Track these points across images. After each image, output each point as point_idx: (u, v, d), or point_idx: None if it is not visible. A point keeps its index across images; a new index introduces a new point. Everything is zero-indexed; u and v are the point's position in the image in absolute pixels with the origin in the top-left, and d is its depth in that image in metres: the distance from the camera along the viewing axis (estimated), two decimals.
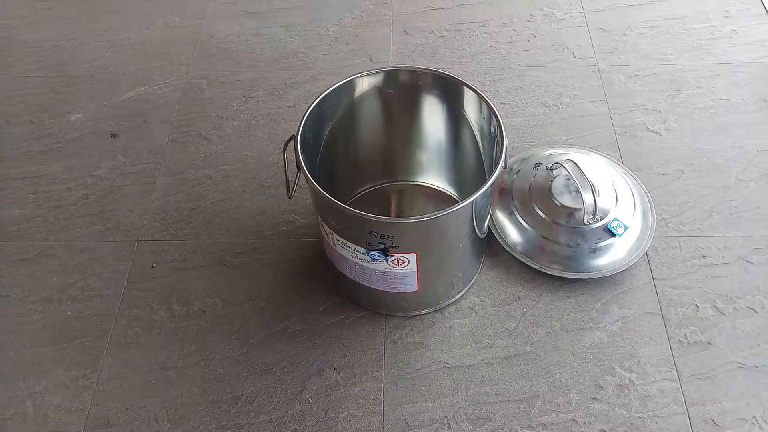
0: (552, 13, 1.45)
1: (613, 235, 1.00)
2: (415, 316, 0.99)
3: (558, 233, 1.01)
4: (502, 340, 0.96)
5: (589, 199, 0.99)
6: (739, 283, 1.00)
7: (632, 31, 1.40)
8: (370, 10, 1.48)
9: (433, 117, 0.99)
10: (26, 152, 1.23)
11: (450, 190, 1.11)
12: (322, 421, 0.89)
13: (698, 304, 0.98)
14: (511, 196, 1.06)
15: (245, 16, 1.48)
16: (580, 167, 1.00)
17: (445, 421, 0.88)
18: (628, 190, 1.06)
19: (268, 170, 1.18)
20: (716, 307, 0.98)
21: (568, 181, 1.03)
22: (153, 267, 1.05)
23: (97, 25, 1.47)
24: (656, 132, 1.21)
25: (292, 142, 0.85)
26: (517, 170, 1.09)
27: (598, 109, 1.25)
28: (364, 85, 0.94)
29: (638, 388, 0.91)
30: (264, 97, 1.30)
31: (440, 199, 1.11)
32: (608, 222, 1.00)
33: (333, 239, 0.87)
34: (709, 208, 1.09)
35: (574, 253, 1.00)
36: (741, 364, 0.92)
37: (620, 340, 0.95)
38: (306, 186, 0.86)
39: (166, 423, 0.89)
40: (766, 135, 1.20)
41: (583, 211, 0.99)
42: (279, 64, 1.37)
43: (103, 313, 1.00)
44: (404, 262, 0.85)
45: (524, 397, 0.90)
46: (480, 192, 0.80)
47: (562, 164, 1.02)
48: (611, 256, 1.00)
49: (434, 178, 1.11)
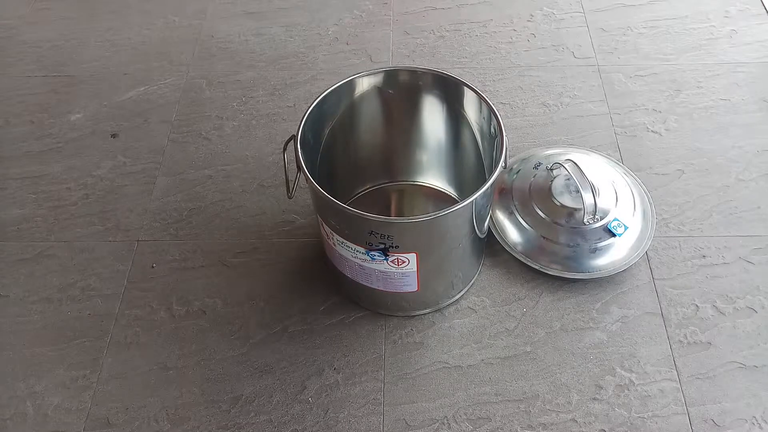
0: (552, 13, 1.45)
1: (613, 235, 1.00)
2: (415, 316, 0.99)
3: (558, 233, 1.01)
4: (502, 340, 0.96)
5: (589, 199, 0.99)
6: (739, 283, 1.00)
7: (632, 31, 1.40)
8: (370, 10, 1.48)
9: (433, 117, 0.99)
10: (26, 152, 1.23)
11: (450, 190, 1.11)
12: (322, 421, 0.89)
13: (698, 304, 0.98)
14: (511, 196, 1.06)
15: (245, 16, 1.48)
16: (580, 167, 1.00)
17: (445, 421, 0.88)
18: (628, 190, 1.06)
19: (268, 170, 1.18)
20: (716, 307, 0.98)
21: (568, 181, 1.03)
22: (153, 267, 1.06)
23: (97, 25, 1.47)
24: (656, 132, 1.21)
25: (292, 142, 0.85)
26: (517, 170, 1.09)
27: (598, 109, 1.25)
28: (364, 85, 0.94)
29: (638, 388, 0.91)
30: (264, 97, 1.30)
31: (440, 199, 1.11)
32: (608, 222, 1.00)
33: (333, 239, 0.87)
34: (709, 208, 1.09)
35: (574, 253, 1.00)
36: (741, 364, 0.92)
37: (620, 340, 0.95)
38: (306, 186, 0.86)
39: (166, 423, 0.89)
40: (766, 135, 1.20)
41: (583, 211, 0.99)
42: (279, 64, 1.37)
43: (103, 313, 1.00)
44: (404, 262, 0.85)
45: (524, 397, 0.90)
46: (480, 192, 0.80)
47: (562, 164, 1.02)
48: (611, 256, 1.00)
49: (434, 178, 1.11)
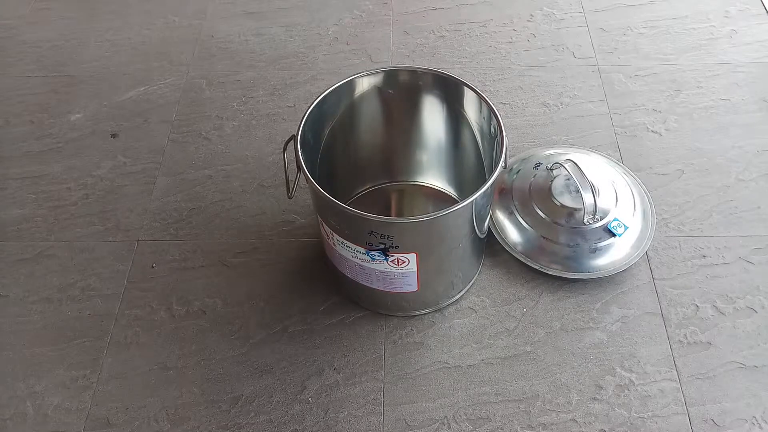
0: (552, 13, 1.45)
1: (613, 235, 1.00)
2: (415, 316, 0.99)
3: (558, 233, 1.01)
4: (502, 340, 0.96)
5: (589, 199, 0.99)
6: (739, 283, 1.00)
7: (632, 31, 1.40)
8: (370, 10, 1.48)
9: (433, 117, 0.99)
10: (26, 152, 1.23)
11: (450, 190, 1.11)
12: (322, 421, 0.89)
13: (698, 304, 0.98)
14: (511, 196, 1.06)
15: (245, 16, 1.48)
16: (580, 167, 1.00)
17: (445, 421, 0.88)
18: (628, 190, 1.06)
19: (268, 170, 1.18)
20: (716, 307, 0.98)
21: (568, 181, 1.03)
22: (153, 267, 1.06)
23: (97, 25, 1.47)
24: (656, 132, 1.21)
25: (292, 142, 0.85)
26: (517, 170, 1.09)
27: (598, 109, 1.25)
28: (364, 85, 0.94)
29: (638, 388, 0.91)
30: (264, 97, 1.30)
31: (440, 199, 1.11)
32: (608, 222, 1.00)
33: (333, 239, 0.87)
34: (709, 208, 1.09)
35: (574, 253, 1.00)
36: (741, 364, 0.92)
37: (620, 340, 0.95)
38: (306, 186, 0.86)
39: (166, 423, 0.89)
40: (766, 135, 1.20)
41: (583, 211, 0.99)
42: (279, 64, 1.37)
43: (103, 313, 1.00)
44: (404, 262, 0.85)
45: (524, 397, 0.90)
46: (480, 192, 0.80)
47: (562, 164, 1.02)
48: (611, 256, 1.00)
49: (434, 178, 1.11)
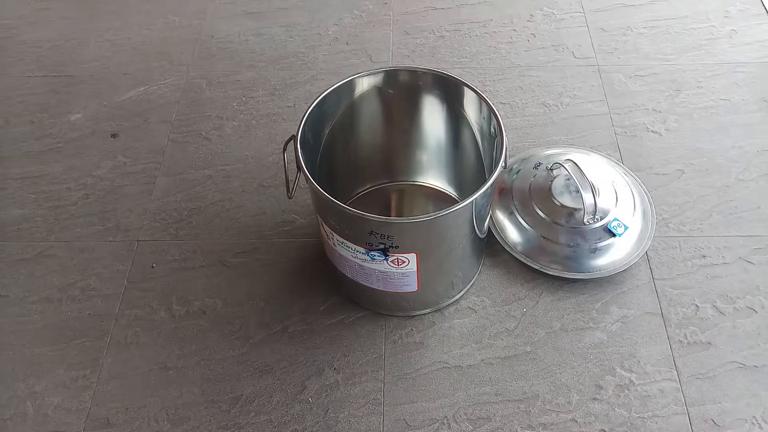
0: (552, 13, 1.45)
1: (613, 235, 1.00)
2: (415, 316, 0.98)
3: (558, 233, 1.01)
4: (502, 340, 0.96)
5: (589, 199, 0.99)
6: (739, 283, 1.00)
7: (632, 31, 1.40)
8: (370, 10, 1.48)
9: (433, 117, 0.99)
10: (26, 152, 1.23)
11: (450, 190, 1.11)
12: (322, 421, 0.89)
13: (698, 304, 0.98)
14: (511, 196, 1.06)
15: (245, 16, 1.48)
16: (580, 167, 1.00)
17: (445, 421, 0.88)
18: (628, 190, 1.06)
19: (268, 170, 1.18)
20: (716, 307, 0.98)
21: (568, 181, 1.03)
22: (153, 267, 1.06)
23: (97, 25, 1.47)
24: (656, 132, 1.21)
25: (292, 142, 0.85)
26: (517, 170, 1.09)
27: (598, 109, 1.25)
28: (364, 85, 0.94)
29: (638, 388, 0.91)
30: (264, 97, 1.30)
31: (440, 199, 1.11)
32: (608, 222, 1.00)
33: (333, 239, 0.87)
34: (709, 208, 1.09)
35: (574, 253, 1.00)
36: (741, 364, 0.92)
37: (620, 340, 0.95)
38: (306, 186, 0.86)
39: (166, 423, 0.89)
40: (766, 135, 1.20)
41: (583, 211, 0.99)
42: (279, 64, 1.37)
43: (103, 313, 1.00)
44: (404, 262, 0.85)
45: (524, 397, 0.90)
46: (480, 192, 0.80)
47: (562, 164, 1.02)
48: (611, 256, 1.00)
49: (434, 178, 1.11)
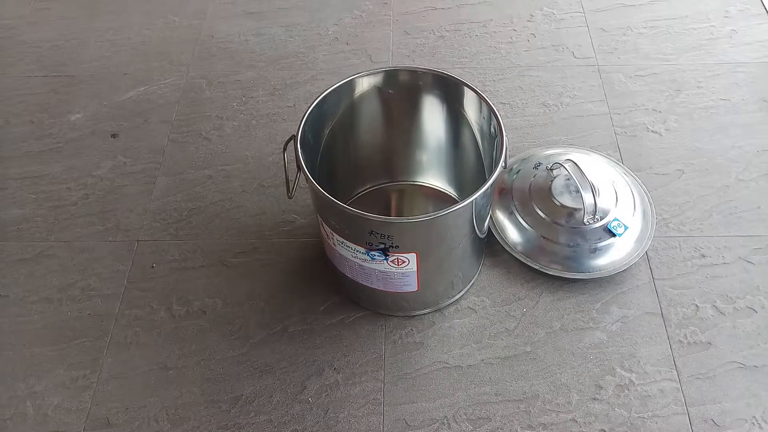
0: (552, 13, 1.45)
1: (613, 235, 1.00)
2: (415, 316, 0.99)
3: (558, 233, 1.01)
4: (502, 340, 0.96)
5: (589, 199, 0.99)
6: (739, 283, 1.00)
7: (632, 31, 1.40)
8: (370, 10, 1.48)
9: (433, 117, 0.99)
10: (26, 152, 1.23)
11: (450, 190, 1.11)
12: (322, 421, 0.89)
13: (698, 304, 0.98)
14: (511, 196, 1.06)
15: (245, 16, 1.48)
16: (580, 167, 1.00)
17: (445, 421, 0.88)
18: (628, 190, 1.06)
19: (268, 170, 1.18)
20: (716, 307, 0.98)
21: (568, 181, 1.03)
22: (153, 267, 1.06)
23: (97, 25, 1.47)
24: (656, 132, 1.21)
25: (292, 142, 0.85)
26: (517, 170, 1.09)
27: (598, 109, 1.25)
28: (364, 85, 0.94)
29: (638, 388, 0.91)
30: (264, 97, 1.30)
31: (440, 199, 1.11)
32: (608, 222, 1.00)
33: (333, 239, 0.87)
34: (709, 208, 1.09)
35: (574, 253, 1.00)
36: (741, 364, 0.92)
37: (620, 340, 0.95)
38: (306, 186, 0.86)
39: (166, 423, 0.89)
40: (766, 135, 1.20)
41: (583, 211, 0.99)
42: (279, 64, 1.37)
43: (103, 313, 1.00)
44: (404, 262, 0.85)
45: (524, 397, 0.90)
46: (480, 192, 0.80)
47: (562, 164, 1.02)
48: (611, 256, 1.00)
49: (434, 178, 1.11)
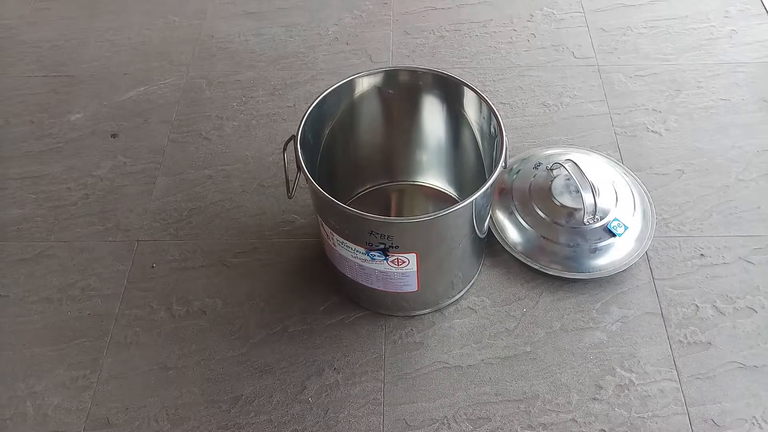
0: (552, 13, 1.45)
1: (613, 235, 1.00)
2: (415, 316, 0.99)
3: (558, 233, 1.01)
4: (502, 340, 0.96)
5: (589, 199, 0.99)
6: (739, 283, 1.00)
7: (632, 31, 1.40)
8: (370, 10, 1.48)
9: (433, 117, 0.99)
10: (26, 152, 1.23)
11: (450, 190, 1.11)
12: (322, 421, 0.89)
13: (698, 304, 0.98)
14: (511, 196, 1.06)
15: (245, 16, 1.48)
16: (580, 167, 1.00)
17: (445, 421, 0.88)
18: (628, 190, 1.06)
19: (268, 170, 1.18)
20: (716, 307, 0.98)
21: (568, 181, 1.03)
22: (153, 267, 1.06)
23: (97, 25, 1.47)
24: (656, 132, 1.21)
25: (292, 142, 0.85)
26: (517, 170, 1.09)
27: (598, 109, 1.25)
28: (364, 85, 0.94)
29: (638, 388, 0.91)
30: (264, 97, 1.30)
31: (440, 199, 1.11)
32: (608, 222, 1.00)
33: (333, 239, 0.87)
34: (709, 208, 1.09)
35: (574, 253, 1.00)
36: (741, 364, 0.92)
37: (620, 340, 0.95)
38: (306, 186, 0.86)
39: (166, 423, 0.89)
40: (766, 135, 1.20)
41: (583, 211, 0.99)
42: (279, 64, 1.37)
43: (103, 313, 1.00)
44: (404, 262, 0.85)
45: (524, 397, 0.90)
46: (480, 192, 0.80)
47: (562, 164, 1.02)
48: (611, 256, 1.00)
49: (434, 178, 1.11)
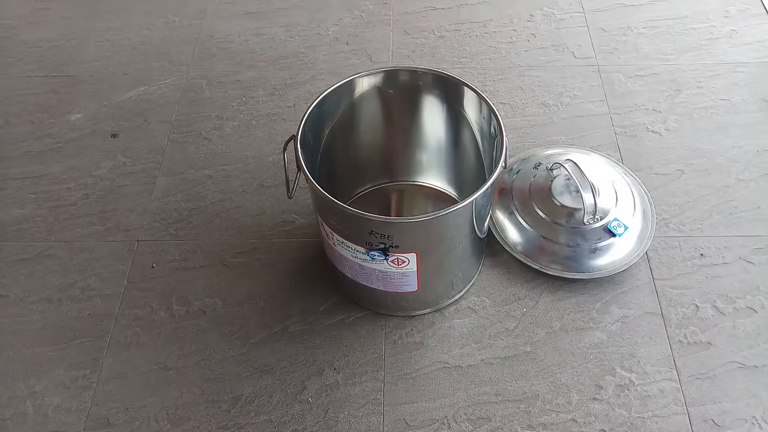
0: (552, 13, 1.45)
1: (613, 235, 1.00)
2: (415, 316, 0.98)
3: (558, 233, 1.01)
4: (502, 340, 0.96)
5: (589, 199, 0.99)
6: (739, 283, 1.00)
7: (632, 31, 1.40)
8: (370, 10, 1.48)
9: (433, 117, 0.99)
10: (26, 152, 1.23)
11: (450, 190, 1.11)
12: (322, 421, 0.89)
13: (698, 304, 0.98)
14: (511, 196, 1.06)
15: (245, 16, 1.48)
16: (580, 167, 1.00)
17: (445, 421, 0.88)
18: (628, 190, 1.06)
19: (268, 170, 1.18)
20: (716, 307, 0.98)
21: (568, 181, 1.03)
22: (153, 267, 1.06)
23: (97, 25, 1.47)
24: (656, 132, 1.21)
25: (292, 142, 0.85)
26: (517, 170, 1.09)
27: (598, 109, 1.25)
28: (364, 85, 0.94)
29: (638, 388, 0.91)
30: (264, 97, 1.30)
31: (440, 199, 1.11)
32: (608, 222, 1.00)
33: (333, 239, 0.87)
34: (709, 208, 1.09)
35: (574, 253, 1.00)
36: (741, 364, 0.92)
37: (620, 340, 0.95)
38: (306, 186, 0.86)
39: (166, 423, 0.89)
40: (766, 135, 1.20)
41: (583, 211, 0.99)
42: (279, 64, 1.37)
43: (103, 313, 1.00)
44: (404, 261, 0.85)
45: (524, 397, 0.90)
46: (480, 192, 0.80)
47: (562, 164, 1.02)
48: (611, 256, 1.00)
49: (434, 178, 1.11)
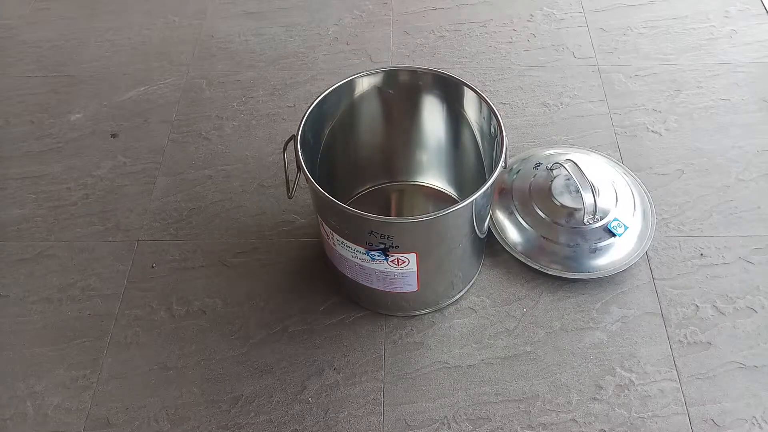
0: (552, 13, 1.45)
1: (613, 235, 1.00)
2: (415, 316, 0.99)
3: (558, 233, 1.01)
4: (502, 340, 0.96)
5: (589, 199, 0.99)
6: (739, 283, 1.00)
7: (632, 31, 1.40)
8: (370, 10, 1.48)
9: (433, 117, 0.99)
10: (26, 152, 1.23)
11: (450, 190, 1.11)
12: (322, 421, 0.89)
13: (698, 304, 0.98)
14: (511, 196, 1.06)
15: (245, 16, 1.48)
16: (580, 167, 1.00)
17: (445, 421, 0.88)
18: (628, 190, 1.06)
19: (268, 170, 1.18)
20: (716, 307, 0.98)
21: (568, 181, 1.03)
22: (153, 267, 1.06)
23: (97, 25, 1.47)
24: (656, 132, 1.21)
25: (292, 142, 0.85)
26: (517, 170, 1.09)
27: (598, 109, 1.25)
28: (364, 85, 0.94)
29: (638, 388, 0.91)
30: (264, 97, 1.30)
31: (440, 199, 1.11)
32: (608, 222, 1.00)
33: (333, 239, 0.87)
34: (709, 208, 1.09)
35: (574, 253, 1.00)
36: (741, 364, 0.92)
37: (620, 340, 0.95)
38: (306, 186, 0.86)
39: (166, 423, 0.89)
40: (766, 135, 1.20)
41: (583, 211, 0.99)
42: (279, 64, 1.37)
43: (103, 313, 1.00)
44: (404, 262, 0.85)
45: (524, 397, 0.90)
46: (480, 192, 0.80)
47: (562, 164, 1.02)
48: (611, 256, 1.00)
49: (434, 178, 1.11)
